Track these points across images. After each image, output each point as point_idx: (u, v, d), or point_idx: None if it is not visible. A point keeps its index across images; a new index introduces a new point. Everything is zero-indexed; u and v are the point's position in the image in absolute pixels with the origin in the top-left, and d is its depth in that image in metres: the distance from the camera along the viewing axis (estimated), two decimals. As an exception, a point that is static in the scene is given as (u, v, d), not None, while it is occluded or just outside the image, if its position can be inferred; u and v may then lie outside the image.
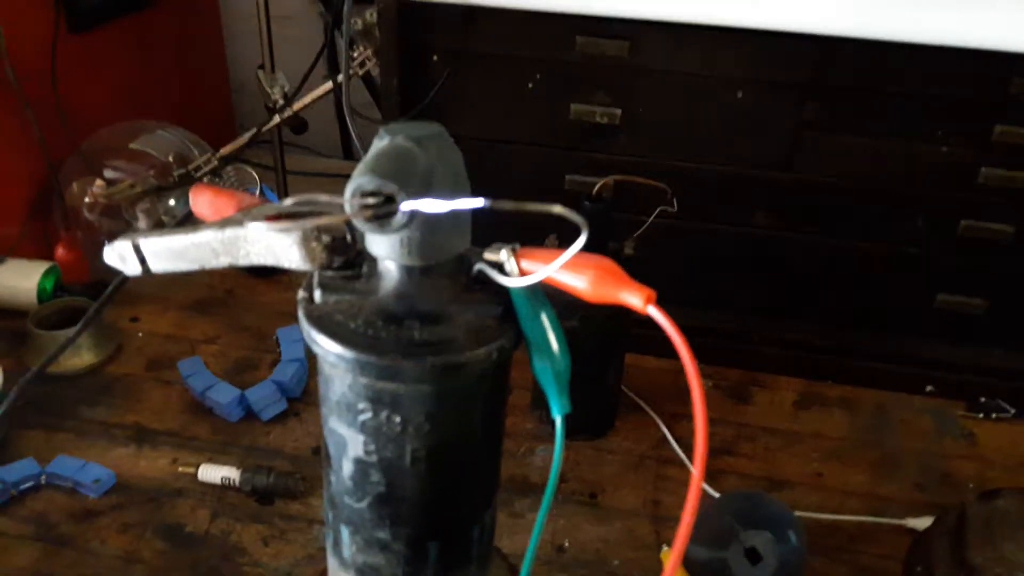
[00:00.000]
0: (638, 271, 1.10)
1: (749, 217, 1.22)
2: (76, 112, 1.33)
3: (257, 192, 1.33)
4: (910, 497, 1.10)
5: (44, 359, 0.66)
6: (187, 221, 0.62)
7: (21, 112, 1.22)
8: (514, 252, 0.47)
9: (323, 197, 0.46)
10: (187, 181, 1.29)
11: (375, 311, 0.48)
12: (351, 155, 1.85)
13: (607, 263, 0.46)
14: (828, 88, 1.11)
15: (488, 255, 0.49)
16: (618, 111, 1.16)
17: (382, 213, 0.41)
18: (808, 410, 1.24)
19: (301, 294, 0.50)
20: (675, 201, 1.05)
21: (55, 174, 1.29)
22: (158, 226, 1.36)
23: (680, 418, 1.19)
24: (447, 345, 0.47)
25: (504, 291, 0.48)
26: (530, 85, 1.17)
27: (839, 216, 1.20)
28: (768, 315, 1.30)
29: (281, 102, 1.27)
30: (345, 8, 0.85)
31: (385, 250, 0.47)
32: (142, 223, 1.34)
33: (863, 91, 1.10)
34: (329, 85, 1.25)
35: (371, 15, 1.12)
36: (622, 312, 0.49)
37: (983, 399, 1.24)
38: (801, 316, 1.29)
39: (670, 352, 1.50)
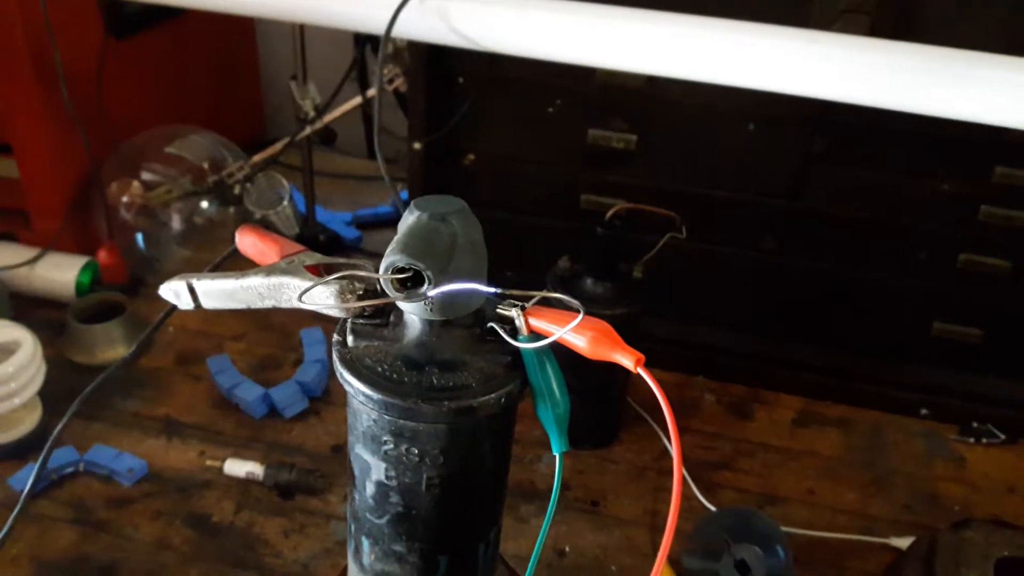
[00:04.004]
0: (648, 291, 1.14)
1: (757, 242, 1.26)
2: (115, 114, 1.39)
3: (286, 197, 1.38)
4: (897, 517, 1.14)
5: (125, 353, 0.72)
6: (231, 257, 0.69)
7: (67, 114, 1.27)
8: (523, 311, 0.53)
9: (361, 272, 0.52)
10: (221, 186, 1.35)
11: (399, 357, 0.54)
12: (375, 156, 1.91)
13: (604, 326, 0.51)
14: (835, 125, 1.15)
15: (500, 310, 0.54)
16: (634, 137, 1.21)
17: (411, 287, 0.47)
18: (806, 428, 1.29)
19: (336, 338, 0.56)
20: (684, 228, 1.10)
21: (98, 174, 1.35)
22: (189, 226, 1.43)
23: (682, 431, 1.24)
24: (461, 391, 0.53)
25: (513, 342, 0.54)
26: (550, 109, 1.22)
27: (843, 245, 1.24)
28: (772, 335, 1.34)
29: (312, 114, 1.33)
30: (383, 37, 0.90)
31: (410, 306, 0.53)
32: (175, 223, 1.40)
33: (869, 130, 1.14)
34: (358, 100, 1.30)
35: (401, 39, 1.17)
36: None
37: (975, 424, 1.28)
38: (804, 338, 1.33)
39: (675, 366, 1.55)
